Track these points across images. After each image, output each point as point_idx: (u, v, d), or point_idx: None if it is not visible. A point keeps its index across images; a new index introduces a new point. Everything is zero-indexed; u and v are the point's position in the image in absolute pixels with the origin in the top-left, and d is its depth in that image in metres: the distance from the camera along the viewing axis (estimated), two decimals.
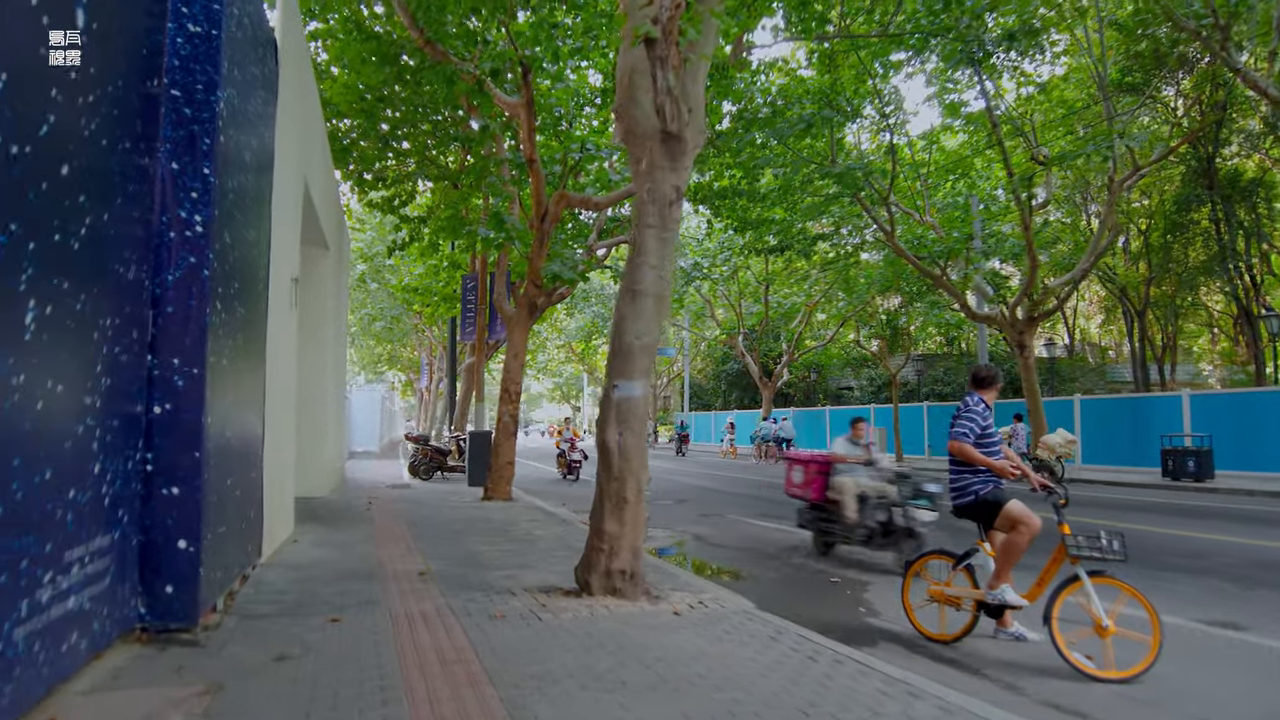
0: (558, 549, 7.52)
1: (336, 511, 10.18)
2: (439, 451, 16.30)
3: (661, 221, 5.16)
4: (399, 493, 13.12)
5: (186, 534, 4.19)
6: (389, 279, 27.20)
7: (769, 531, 9.67)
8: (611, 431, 5.15)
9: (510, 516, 10.06)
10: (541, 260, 11.94)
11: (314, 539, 7.76)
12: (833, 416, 30.25)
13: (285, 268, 7.37)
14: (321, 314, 12.13)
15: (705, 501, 13.25)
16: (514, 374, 12.18)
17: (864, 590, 6.36)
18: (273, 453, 6.69)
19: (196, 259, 4.35)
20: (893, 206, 17.28)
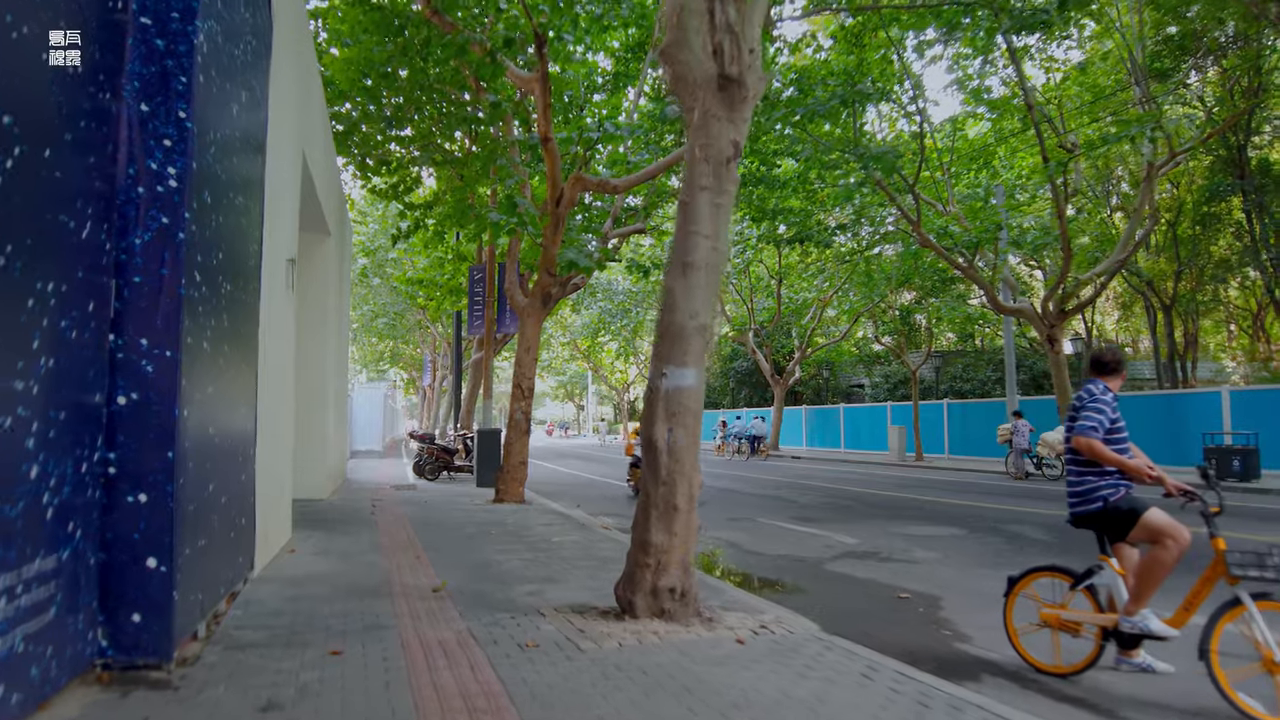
0: (581, 559, 6.79)
1: (338, 516, 9.45)
2: (445, 451, 15.57)
3: (717, 183, 4.42)
4: (404, 494, 12.39)
5: (157, 551, 3.46)
6: (391, 274, 26.50)
7: (806, 537, 8.93)
8: (659, 427, 4.41)
9: (525, 520, 9.32)
10: (556, 247, 11.21)
11: (314, 547, 7.03)
12: (847, 416, 29.48)
13: (281, 246, 6.63)
14: (322, 304, 11.40)
15: (728, 503, 12.51)
16: (527, 368, 11.44)
17: (937, 607, 5.61)
18: (267, 452, 5.95)
19: (169, 219, 3.61)
20: (918, 195, 16.50)
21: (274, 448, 6.45)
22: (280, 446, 6.86)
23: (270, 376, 6.15)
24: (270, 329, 6.09)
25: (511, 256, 12.52)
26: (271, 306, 6.14)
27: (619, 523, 10.06)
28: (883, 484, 16.18)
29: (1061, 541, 8.40)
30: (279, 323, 6.58)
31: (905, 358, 24.57)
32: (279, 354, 6.67)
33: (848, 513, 11.10)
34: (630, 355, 45.33)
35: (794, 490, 14.74)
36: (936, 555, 7.68)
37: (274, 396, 6.41)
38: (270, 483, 6.27)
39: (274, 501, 6.49)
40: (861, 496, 13.49)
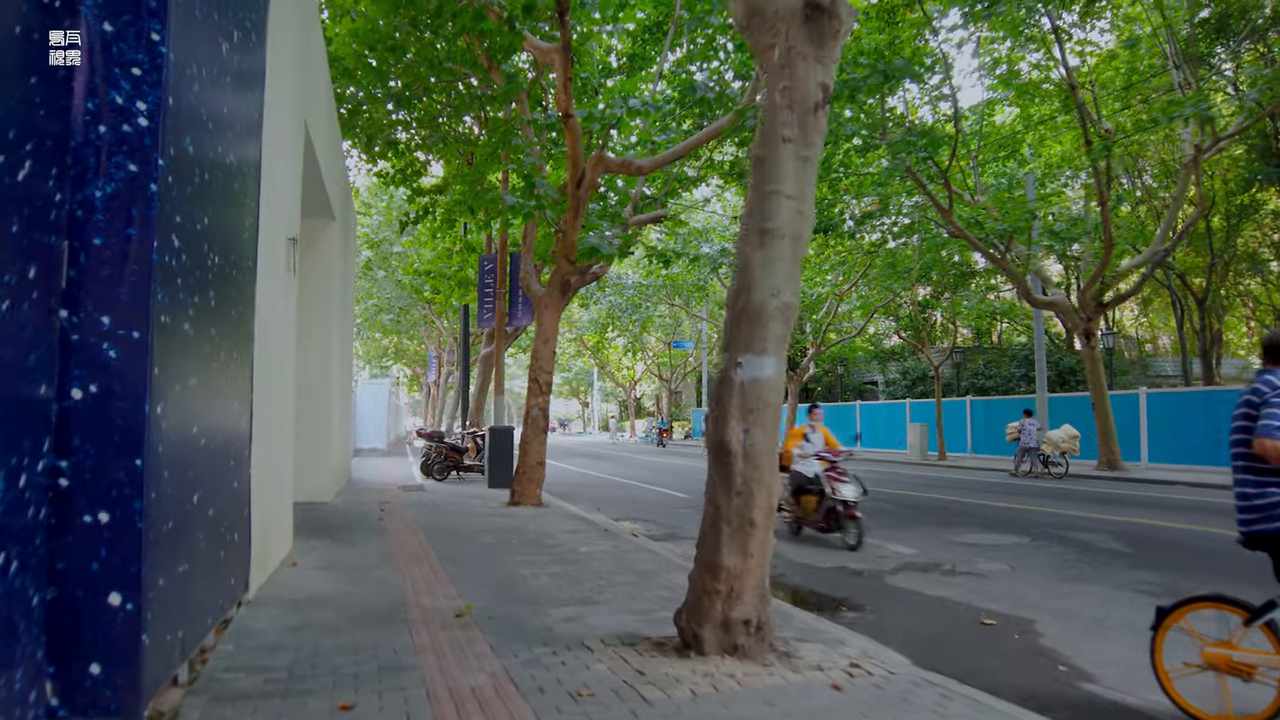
0: (617, 572, 6.07)
1: (344, 521, 8.73)
2: (454, 449, 14.85)
3: (802, 133, 3.69)
4: (413, 496, 11.68)
5: (122, 583, 2.74)
6: (396, 268, 25.79)
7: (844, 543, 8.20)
8: (733, 427, 3.68)
9: (545, 526, 8.60)
10: (576, 232, 10.47)
11: (318, 559, 6.31)
12: (864, 413, 28.73)
13: (281, 222, 5.90)
14: (326, 293, 10.68)
15: None
16: (544, 362, 10.71)
17: (1034, 634, 4.88)
18: (265, 453, 5.24)
19: (139, 167, 2.88)
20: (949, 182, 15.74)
21: (273, 448, 5.74)
22: (280, 447, 6.14)
23: (269, 368, 5.43)
24: (269, 314, 5.37)
25: (527, 244, 11.79)
26: (271, 289, 5.42)
27: (647, 529, 9.34)
28: (911, 484, 15.44)
29: (1138, 551, 7.66)
30: (279, 308, 5.86)
31: (927, 353, 23.80)
32: (279, 344, 5.95)
33: (891, 518, 10.37)
34: (638, 352, 44.60)
35: None
36: (1003, 567, 6.95)
37: (273, 391, 5.70)
38: (269, 488, 5.55)
39: (273, 509, 5.78)
40: (896, 499, 12.76)
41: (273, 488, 5.76)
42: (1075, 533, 8.86)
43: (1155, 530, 9.10)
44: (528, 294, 11.21)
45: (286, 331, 6.38)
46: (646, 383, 56.88)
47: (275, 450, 5.86)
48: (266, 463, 5.40)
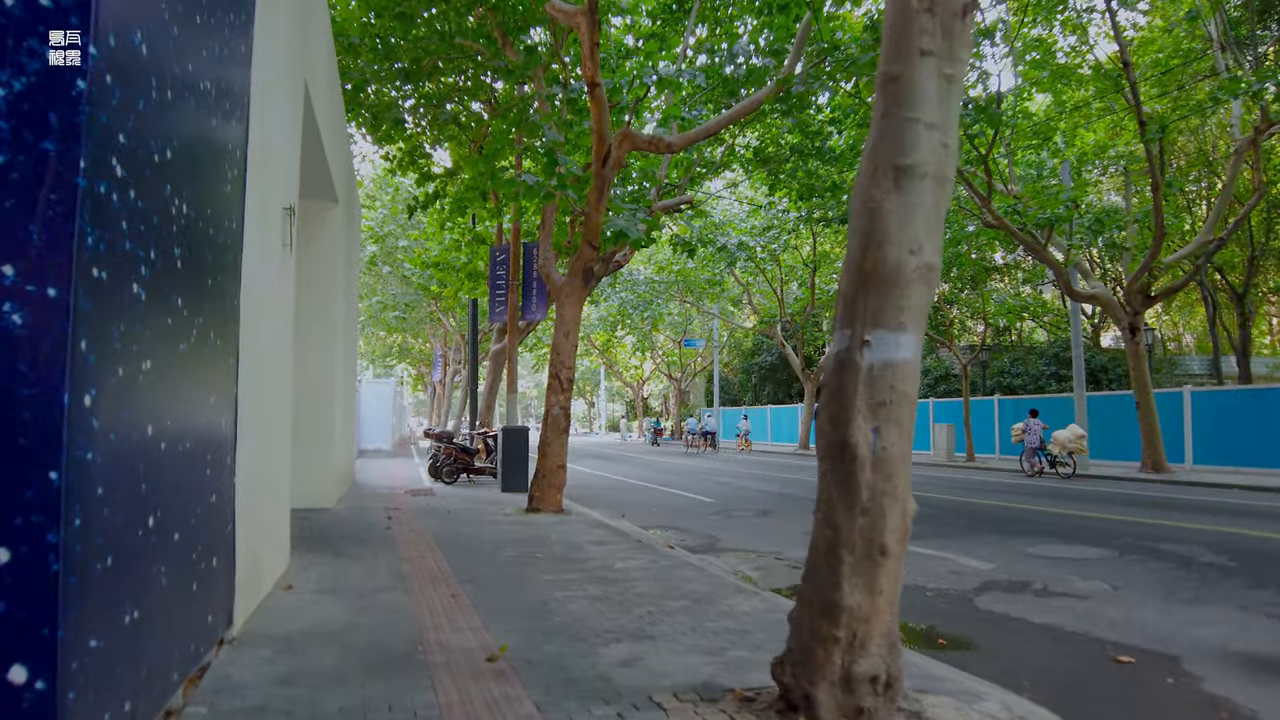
0: (665, 595, 5.22)
1: (348, 530, 7.88)
2: (465, 451, 14.01)
3: (947, 44, 2.83)
4: (422, 501, 10.83)
5: (28, 651, 1.89)
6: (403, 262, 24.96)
7: (920, 559, 7.33)
8: (859, 425, 2.83)
9: (571, 536, 7.75)
10: (600, 215, 9.63)
11: (318, 580, 5.45)
12: None
13: (277, 187, 5.06)
14: (329, 282, 9.85)
15: (794, 513, 10.92)
16: (565, 356, 9.86)
17: (1190, 676, 4.01)
18: (256, 457, 4.40)
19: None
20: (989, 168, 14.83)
21: (268, 451, 4.89)
22: (276, 449, 5.30)
23: (262, 356, 4.59)
24: (261, 292, 4.53)
25: (545, 228, 10.93)
26: (262, 263, 4.58)
27: (681, 539, 8.47)
28: (948, 487, 14.56)
29: (1245, 566, 6.79)
30: (273, 287, 5.01)
31: (955, 351, 22.91)
32: (275, 329, 5.11)
33: (944, 525, 9.50)
34: (647, 350, 43.74)
35: None
36: (1104, 587, 6.07)
37: (267, 383, 4.86)
38: (262, 498, 4.71)
39: (267, 523, 4.93)
40: (937, 503, 11.88)
41: (267, 497, 4.92)
42: (1164, 544, 7.97)
43: (1252, 541, 8.21)
44: (546, 283, 10.35)
45: (283, 316, 5.53)
46: (654, 382, 56.03)
47: (270, 453, 5.02)
48: (258, 468, 4.55)
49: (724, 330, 38.81)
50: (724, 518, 10.30)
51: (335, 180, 9.41)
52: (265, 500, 4.91)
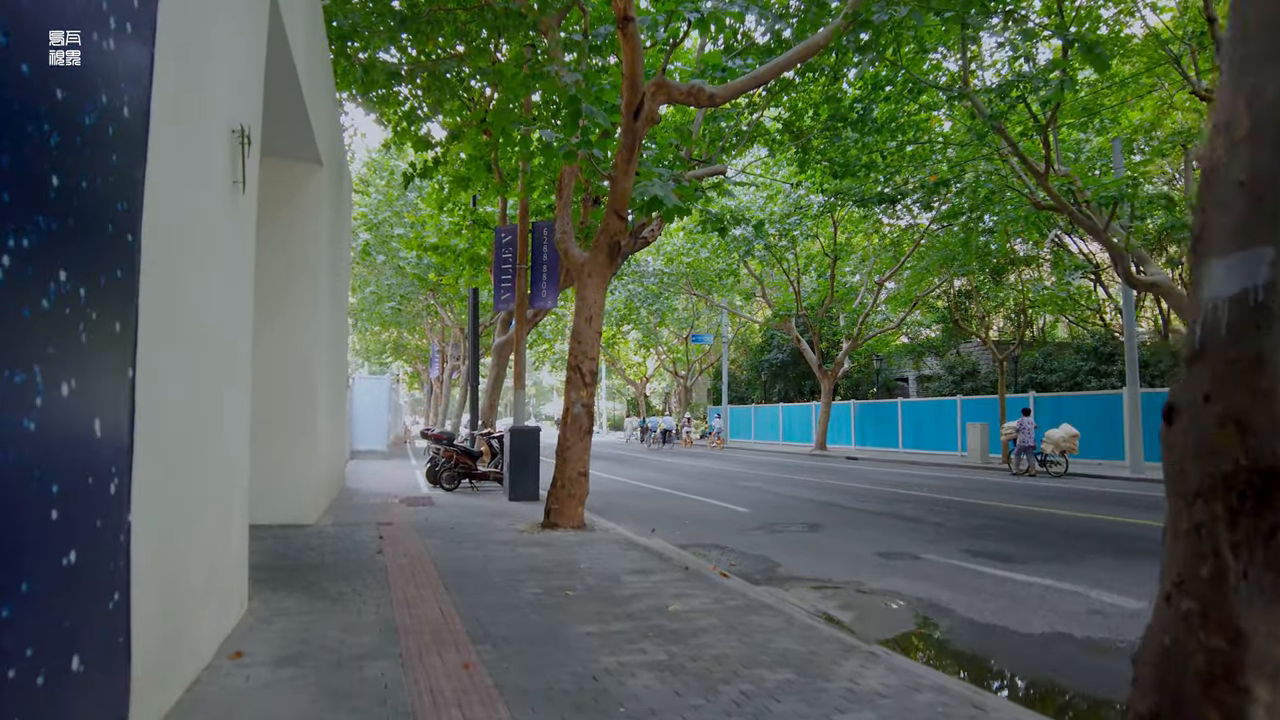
0: (755, 662, 3.82)
1: (330, 557, 6.44)
2: (467, 454, 12.57)
3: None
4: (421, 514, 9.39)
5: None
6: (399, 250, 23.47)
7: (1038, 591, 5.93)
8: None
9: (604, 563, 6.33)
10: (630, 179, 8.20)
11: (280, 642, 4.01)
12: (907, 411, 26.41)
13: (214, 93, 3.61)
14: (311, 258, 8.41)
15: (847, 526, 9.51)
16: (588, 346, 8.43)
17: None
18: (184, 480, 2.97)
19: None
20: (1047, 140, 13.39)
21: (206, 466, 3.47)
22: (224, 461, 3.87)
23: (194, 331, 3.16)
24: (190, 240, 3.09)
25: (563, 198, 9.45)
26: (195, 202, 3.15)
27: (729, 562, 7.04)
28: (1005, 494, 13.16)
29: None
30: (216, 239, 3.58)
31: (990, 346, 21.52)
32: (222, 296, 3.69)
33: (1036, 543, 8.09)
34: (651, 347, 42.30)
35: (900, 503, 11.73)
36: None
37: (206, 370, 3.43)
38: (190, 535, 3.27)
39: (202, 567, 3.49)
40: (1014, 515, 10.48)
41: (204, 530, 3.49)
42: None
43: None
44: (565, 259, 8.89)
45: (235, 280, 4.10)
46: (657, 380, 54.62)
47: (213, 468, 3.59)
48: (186, 492, 3.12)
49: (732, 326, 37.38)
50: (769, 533, 8.88)
51: (318, 138, 7.97)
52: (201, 535, 3.48)
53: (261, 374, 7.95)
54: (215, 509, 3.75)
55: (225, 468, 3.95)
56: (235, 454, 4.22)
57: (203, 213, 3.40)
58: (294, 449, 8.07)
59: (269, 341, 8.04)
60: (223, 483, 3.90)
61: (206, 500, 3.58)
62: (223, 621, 3.95)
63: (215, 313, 3.69)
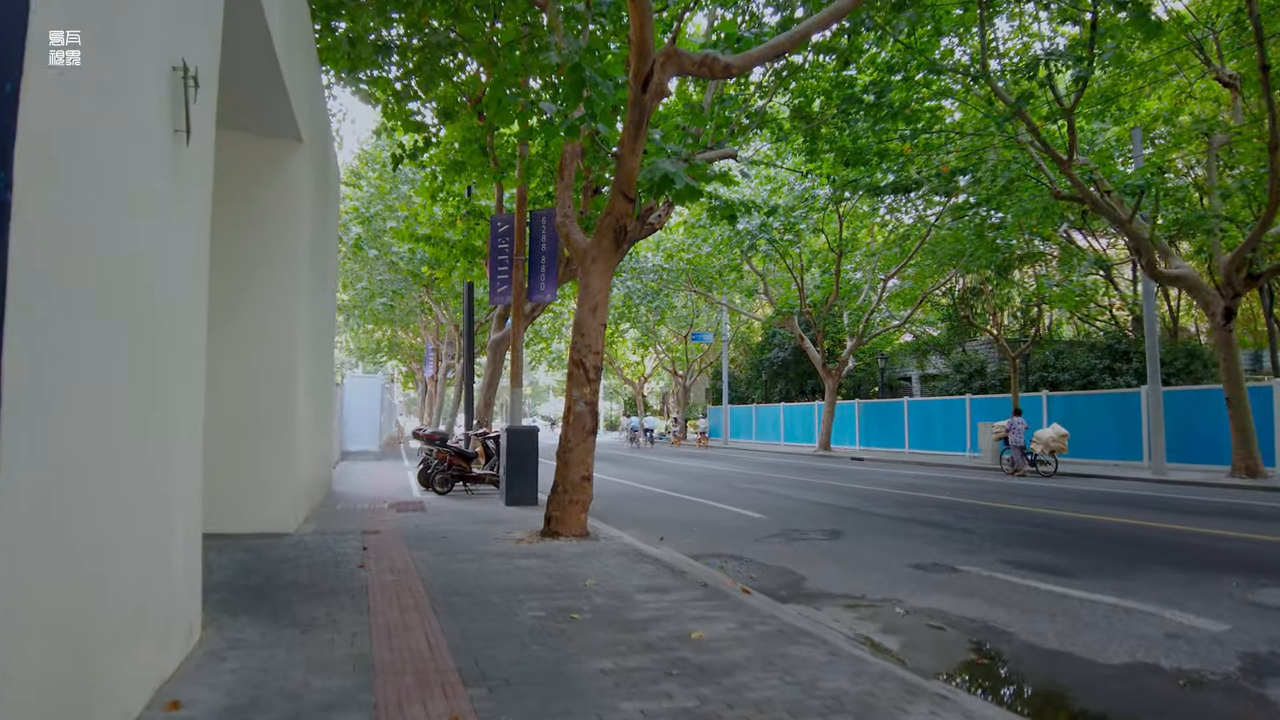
0: (803, 709, 3.17)
1: (305, 573, 5.76)
2: (460, 455, 11.89)
3: None
4: (411, 520, 8.71)
5: None
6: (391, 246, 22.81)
7: (1118, 615, 5.27)
8: None
9: (612, 579, 5.66)
10: (638, 158, 7.54)
11: (230, 683, 3.33)
12: (913, 411, 25.79)
13: (144, 21, 2.92)
14: (290, 243, 7.73)
15: (871, 533, 8.87)
16: (592, 338, 7.76)
17: None
18: (87, 482, 2.29)
19: None
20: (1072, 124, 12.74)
21: (130, 472, 2.79)
22: (160, 466, 3.19)
23: (103, 316, 2.48)
24: (89, 201, 2.42)
25: (564, 180, 8.77)
26: (117, 157, 2.47)
27: (750, 575, 6.38)
28: (1019, 496, 12.53)
29: None
30: (145, 206, 2.90)
31: (1001, 344, 20.92)
32: (158, 282, 3.01)
33: (1089, 554, 7.45)
34: (649, 346, 41.61)
35: (920, 507, 11.09)
36: None
37: (134, 363, 2.75)
38: (99, 558, 2.60)
39: (123, 598, 2.81)
40: (1054, 522, 9.85)
41: (122, 547, 2.81)
42: None
43: None
44: (567, 245, 8.21)
45: (178, 261, 3.42)
46: (654, 379, 53.97)
47: (136, 474, 2.91)
48: (87, 501, 2.45)
49: (731, 324, 36.73)
50: (787, 541, 8.22)
51: (297, 111, 7.29)
52: (123, 556, 2.80)
53: (234, 368, 7.27)
54: (147, 523, 3.07)
55: (163, 473, 3.27)
56: (180, 457, 3.54)
57: (126, 163, 2.73)
58: (271, 451, 7.39)
59: (242, 333, 7.37)
60: (158, 491, 3.22)
61: (133, 513, 2.90)
62: (162, 660, 3.27)
63: (149, 290, 3.02)
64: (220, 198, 7.73)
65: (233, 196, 7.53)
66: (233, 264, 7.42)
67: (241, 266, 7.45)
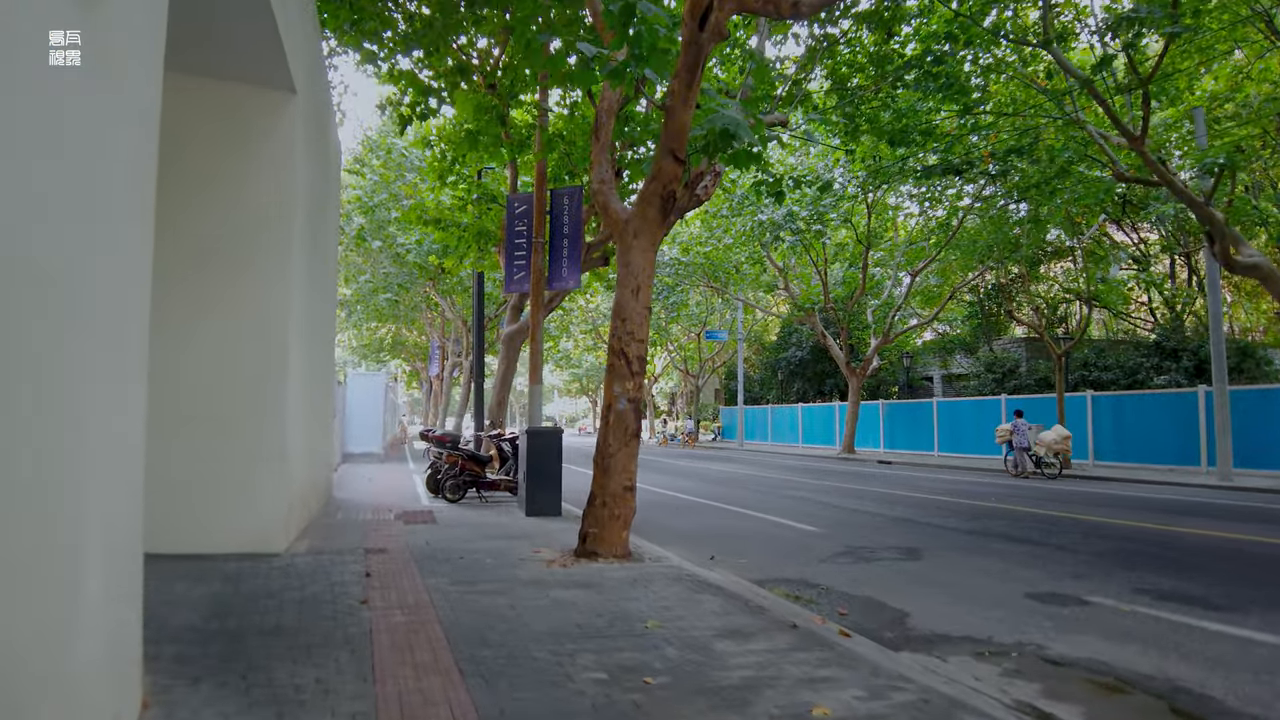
0: None
1: (291, 610, 4.60)
2: (474, 459, 10.74)
3: None
4: (420, 535, 7.57)
5: None
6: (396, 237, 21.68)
7: (1271, 653, 4.13)
8: None
9: (676, 617, 4.52)
10: (690, 109, 6.40)
11: None
12: (943, 412, 24.59)
13: None
14: (282, 214, 6.59)
15: (949, 551, 7.72)
16: (635, 323, 6.62)
17: None
18: None
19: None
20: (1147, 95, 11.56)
21: None
22: (64, 486, 2.04)
23: None
24: None
25: (601, 140, 7.57)
26: None
27: (832, 605, 5.20)
28: (1086, 505, 11.37)
29: None
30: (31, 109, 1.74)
31: (1047, 342, 19.75)
32: (54, 245, 1.84)
33: (1209, 575, 6.30)
34: (661, 345, 40.46)
35: (988, 518, 9.93)
36: None
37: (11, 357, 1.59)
38: None
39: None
40: (1132, 533, 8.70)
41: None
42: None
43: None
44: (604, 217, 7.05)
45: (93, 215, 2.26)
46: (665, 379, 52.81)
47: (12, 498, 1.76)
48: None
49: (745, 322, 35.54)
50: (859, 562, 7.06)
51: (290, 57, 6.15)
52: None
53: (211, 357, 6.16)
54: (26, 570, 1.92)
55: (57, 499, 2.13)
56: (95, 475, 2.39)
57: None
58: (257, 456, 6.25)
59: (223, 315, 6.25)
60: (49, 522, 2.07)
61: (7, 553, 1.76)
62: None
63: (35, 260, 1.88)
64: (197, 155, 6.56)
65: (212, 155, 6.41)
66: (211, 234, 6.30)
67: (221, 238, 6.32)
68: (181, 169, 6.26)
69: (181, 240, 6.21)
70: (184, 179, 6.27)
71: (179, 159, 6.23)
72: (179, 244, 6.20)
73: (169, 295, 6.12)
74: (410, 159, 21.11)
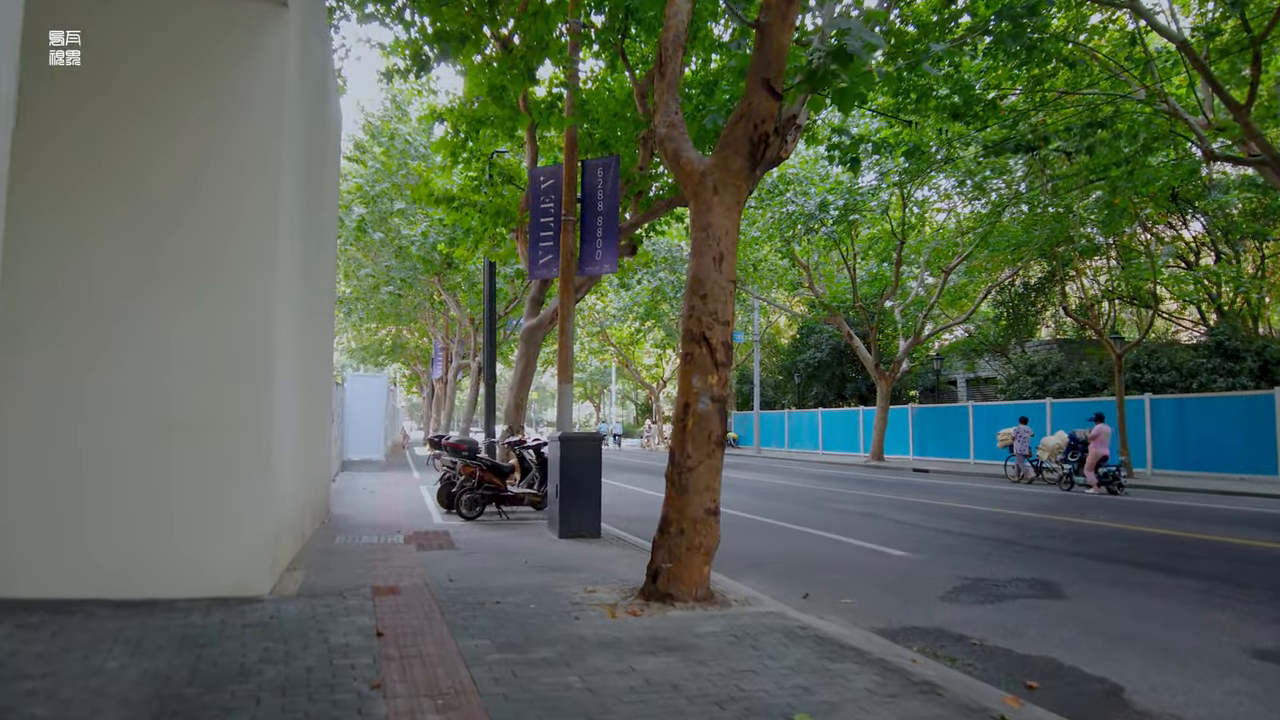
0: None
1: (272, 705, 3.16)
2: (495, 470, 9.31)
3: None
4: (438, 565, 6.14)
5: None
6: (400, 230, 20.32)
7: None
8: None
9: (821, 701, 3.12)
10: (790, 30, 5.03)
11: None
12: (978, 416, 23.17)
13: None
14: (269, 162, 5.17)
15: (1086, 580, 6.34)
16: (718, 301, 5.20)
17: None
18: None
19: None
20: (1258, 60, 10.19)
21: None
22: None
23: None
24: None
25: (665, 79, 6.09)
26: None
27: (1000, 669, 3.77)
28: (1194, 521, 9.99)
29: None
30: None
31: (1106, 341, 18.37)
32: None
33: None
34: (671, 347, 39.06)
35: (1096, 539, 8.56)
36: None
37: None
38: None
39: None
40: (1236, 553, 7.31)
41: None
42: None
43: None
44: (675, 168, 5.60)
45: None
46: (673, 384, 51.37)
47: None
48: None
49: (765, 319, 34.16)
50: (987, 600, 5.65)
51: None
52: None
53: (173, 347, 4.76)
54: None
55: None
56: None
57: None
58: (233, 471, 4.83)
59: (186, 292, 4.85)
60: None
61: None
62: None
63: None
64: (155, 86, 5.14)
65: (175, 86, 5.00)
66: (165, 190, 4.89)
67: (181, 195, 4.92)
68: (135, 105, 4.86)
69: (136, 192, 4.81)
70: (140, 117, 4.88)
71: (130, 92, 4.84)
72: (132, 197, 4.80)
73: (115, 262, 4.72)
74: (415, 146, 19.74)
